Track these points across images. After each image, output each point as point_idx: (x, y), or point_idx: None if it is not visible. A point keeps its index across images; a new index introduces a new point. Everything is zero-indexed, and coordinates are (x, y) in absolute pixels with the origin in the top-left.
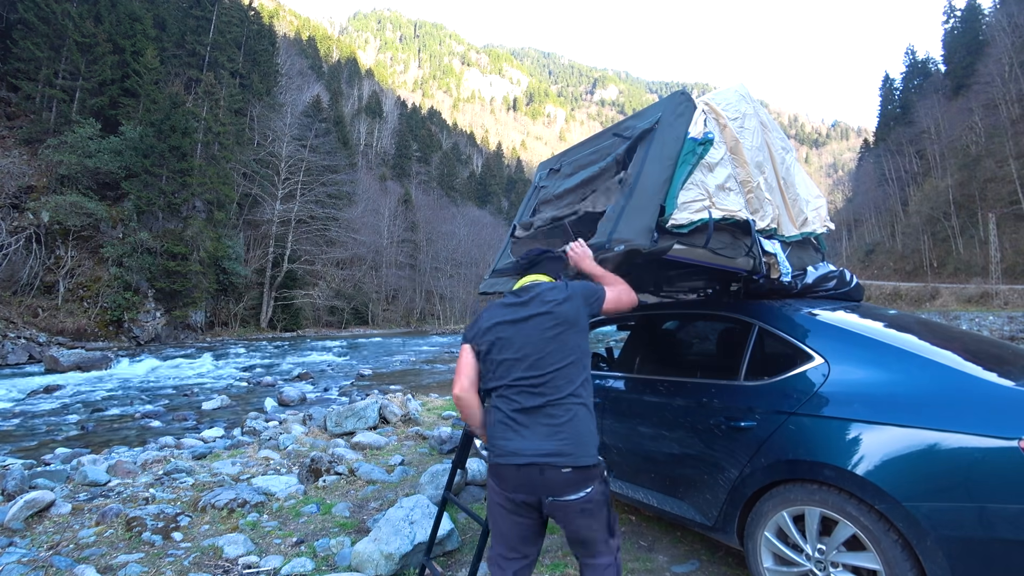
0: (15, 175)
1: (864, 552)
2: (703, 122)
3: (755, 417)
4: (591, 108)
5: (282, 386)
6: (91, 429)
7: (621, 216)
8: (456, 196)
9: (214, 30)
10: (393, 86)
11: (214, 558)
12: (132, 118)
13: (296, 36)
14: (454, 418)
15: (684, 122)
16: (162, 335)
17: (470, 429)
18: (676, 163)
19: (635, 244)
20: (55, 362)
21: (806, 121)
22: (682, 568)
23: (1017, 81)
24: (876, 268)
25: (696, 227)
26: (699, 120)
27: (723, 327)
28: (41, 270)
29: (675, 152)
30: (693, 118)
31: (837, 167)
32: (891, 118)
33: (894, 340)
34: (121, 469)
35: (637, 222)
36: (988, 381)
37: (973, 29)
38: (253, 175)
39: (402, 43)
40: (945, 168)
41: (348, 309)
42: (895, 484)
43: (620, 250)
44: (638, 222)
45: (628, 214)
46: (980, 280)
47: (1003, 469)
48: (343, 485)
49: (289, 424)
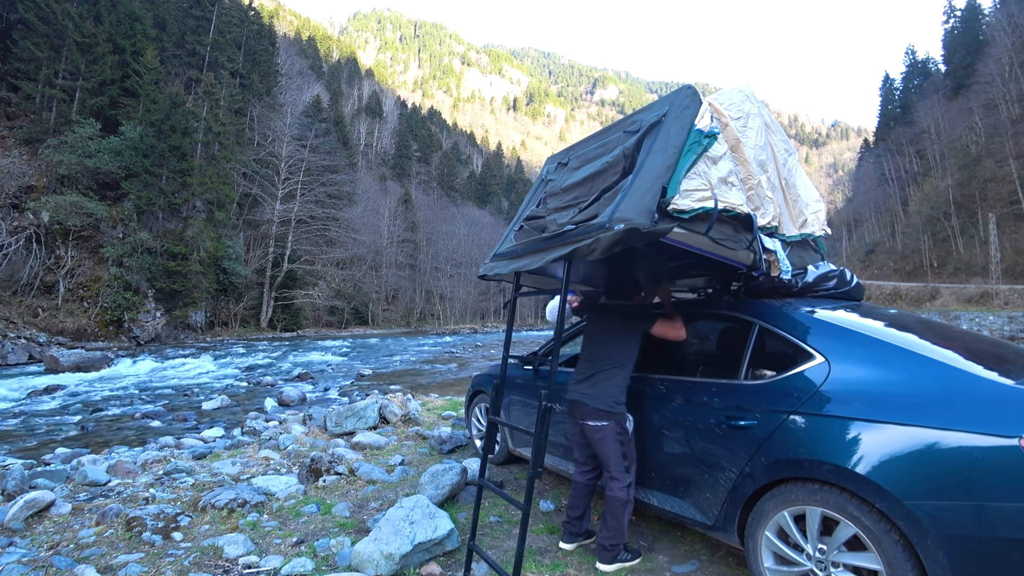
0: (15, 175)
1: (865, 552)
2: (709, 116)
3: (756, 416)
4: (591, 108)
5: (282, 386)
6: (91, 429)
7: (624, 197)
8: (456, 196)
9: (214, 30)
10: (393, 86)
11: (214, 558)
12: (132, 118)
13: (296, 36)
14: (454, 418)
15: (691, 114)
16: (162, 335)
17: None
18: (681, 151)
19: (635, 223)
20: (55, 362)
21: (806, 121)
22: (682, 568)
23: (1017, 81)
24: (876, 268)
25: (697, 215)
26: (705, 114)
27: (723, 326)
28: (41, 270)
29: (680, 141)
30: (699, 112)
31: (837, 167)
32: (891, 118)
33: (894, 339)
34: (121, 469)
35: (639, 203)
36: (988, 380)
37: (973, 29)
38: (253, 175)
39: (402, 43)
40: (945, 168)
41: (348, 309)
42: (896, 483)
43: (620, 229)
44: (640, 203)
45: (630, 195)
46: (980, 280)
47: (1004, 468)
48: (343, 485)
49: (289, 424)
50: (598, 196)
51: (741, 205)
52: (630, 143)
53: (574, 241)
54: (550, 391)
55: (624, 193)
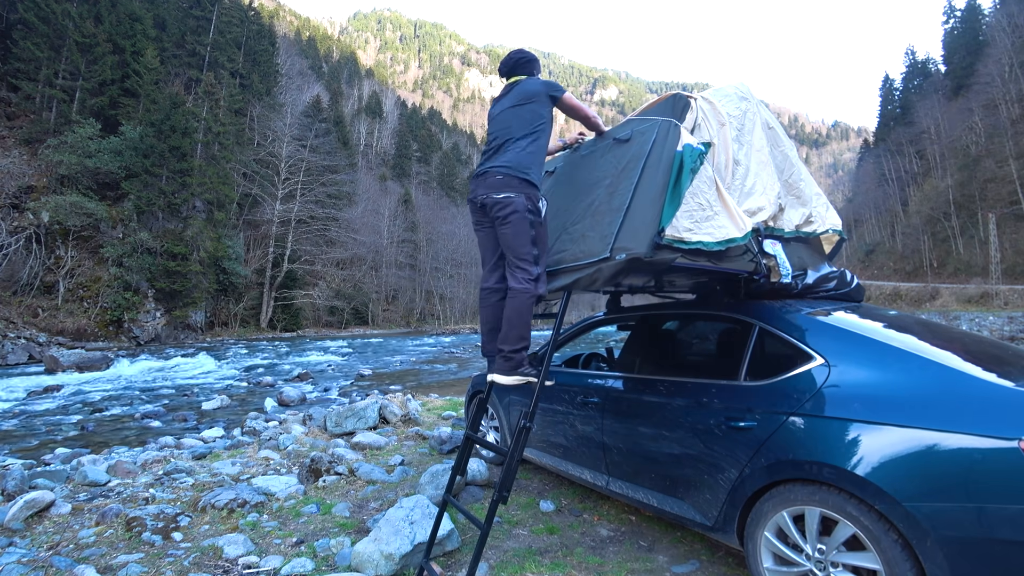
0: (15, 175)
1: (864, 552)
2: (701, 124)
3: (755, 417)
4: (591, 108)
5: (282, 386)
6: (91, 429)
7: (621, 227)
8: (456, 196)
9: (214, 30)
10: (393, 86)
11: (214, 558)
12: (132, 118)
13: (296, 36)
14: (454, 418)
15: (674, 143)
16: (162, 335)
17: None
18: (670, 182)
19: (636, 253)
20: (55, 362)
21: (806, 121)
22: (682, 568)
23: (1017, 81)
24: (876, 268)
25: (697, 249)
26: (689, 135)
27: (723, 327)
28: (41, 270)
29: (667, 175)
30: (681, 136)
31: (837, 167)
32: (891, 118)
33: (894, 340)
34: (121, 469)
35: (638, 232)
36: (988, 381)
37: (973, 29)
38: (253, 175)
39: (402, 43)
40: (945, 168)
41: (348, 309)
42: (895, 484)
43: (622, 259)
44: (639, 232)
45: (627, 225)
46: (980, 280)
47: (1003, 469)
48: (343, 485)
49: (289, 424)
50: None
51: (739, 232)
52: (619, 167)
53: (574, 271)
54: (532, 409)
55: (621, 223)
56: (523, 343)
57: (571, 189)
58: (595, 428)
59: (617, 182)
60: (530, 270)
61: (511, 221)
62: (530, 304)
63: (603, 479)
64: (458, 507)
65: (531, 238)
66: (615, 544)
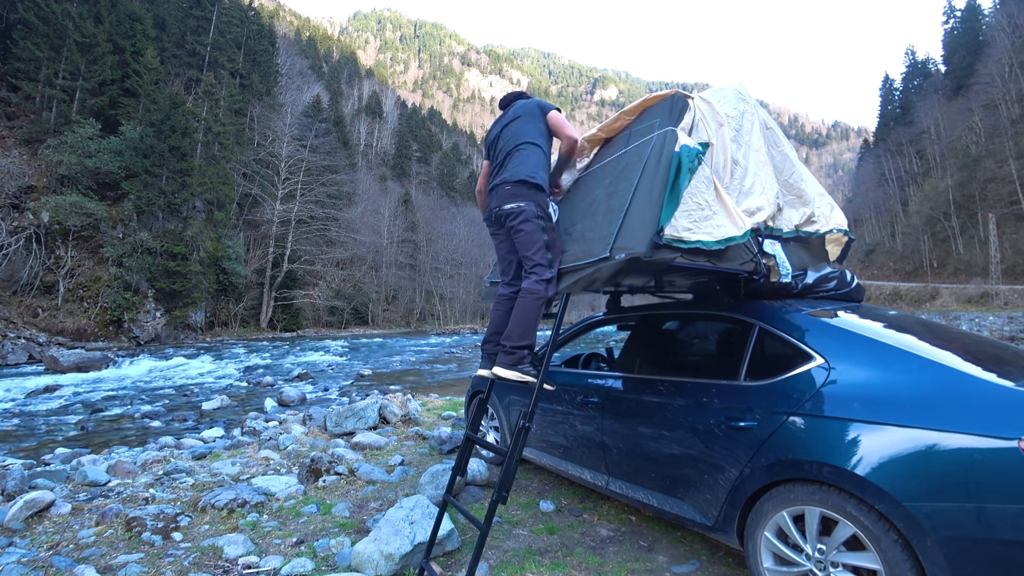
0: (15, 175)
1: (864, 552)
2: (699, 125)
3: (755, 417)
4: (591, 108)
5: (282, 386)
6: (91, 429)
7: (620, 227)
8: (456, 196)
9: (214, 30)
10: (393, 86)
11: (214, 558)
12: (132, 118)
13: (296, 36)
14: (454, 418)
15: (672, 144)
16: (162, 335)
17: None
18: (668, 182)
19: (635, 252)
20: (55, 362)
21: (806, 121)
22: (682, 568)
23: (1017, 81)
24: (876, 268)
25: (697, 248)
26: (686, 136)
27: (723, 327)
28: (41, 270)
29: (665, 175)
30: (678, 139)
31: (837, 167)
32: (891, 118)
33: (894, 340)
34: (121, 469)
35: (638, 232)
36: (988, 381)
37: (973, 29)
38: (253, 175)
39: (402, 43)
40: (945, 168)
41: (348, 309)
42: (895, 484)
43: (621, 258)
44: (639, 232)
45: (627, 225)
46: (980, 280)
47: (1003, 469)
48: (343, 485)
49: (289, 424)
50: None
51: (738, 231)
52: (618, 168)
53: (574, 271)
54: (531, 410)
55: (620, 224)
56: (526, 341)
57: (571, 191)
58: (595, 428)
59: (616, 183)
60: (543, 274)
61: (523, 229)
62: (538, 305)
63: (603, 479)
64: (458, 507)
65: (544, 243)
66: (615, 544)
